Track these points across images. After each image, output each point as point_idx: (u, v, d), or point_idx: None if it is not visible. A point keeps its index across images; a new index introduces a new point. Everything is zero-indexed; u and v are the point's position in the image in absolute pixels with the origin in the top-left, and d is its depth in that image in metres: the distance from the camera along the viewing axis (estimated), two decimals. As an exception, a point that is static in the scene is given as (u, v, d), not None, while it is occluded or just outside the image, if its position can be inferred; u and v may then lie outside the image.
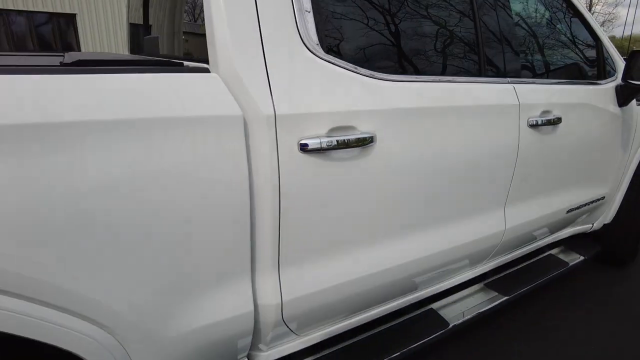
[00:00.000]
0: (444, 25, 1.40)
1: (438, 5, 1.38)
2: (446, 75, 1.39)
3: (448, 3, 1.41)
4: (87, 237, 0.81)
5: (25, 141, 0.73)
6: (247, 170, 0.97)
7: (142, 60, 1.05)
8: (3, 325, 0.75)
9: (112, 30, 15.00)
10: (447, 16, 1.41)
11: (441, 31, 1.39)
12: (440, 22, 1.39)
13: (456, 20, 1.43)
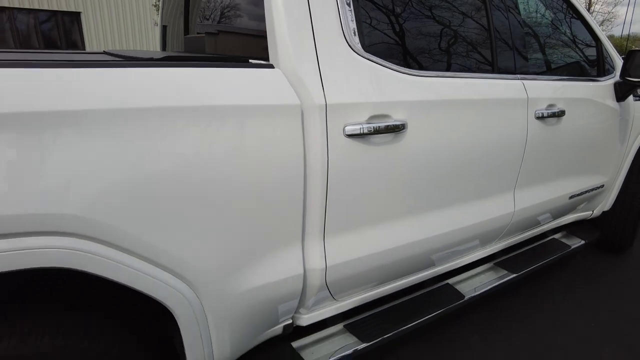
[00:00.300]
0: (463, 29, 1.58)
1: (457, 12, 1.56)
2: (465, 72, 1.56)
3: (466, 11, 1.59)
4: (181, 209, 0.98)
5: (134, 122, 0.91)
6: (302, 150, 1.15)
7: (209, 56, 1.22)
8: (122, 278, 0.93)
9: (117, 28, 15.13)
10: (466, 21, 1.58)
11: (461, 34, 1.57)
12: (460, 26, 1.57)
13: (473, 24, 1.61)
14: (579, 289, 2.46)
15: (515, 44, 1.78)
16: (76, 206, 0.85)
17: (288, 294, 1.28)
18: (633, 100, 2.37)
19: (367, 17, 1.31)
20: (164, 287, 1.01)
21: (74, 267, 0.88)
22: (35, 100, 0.81)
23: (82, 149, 0.85)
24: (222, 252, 1.09)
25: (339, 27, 1.22)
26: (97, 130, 0.87)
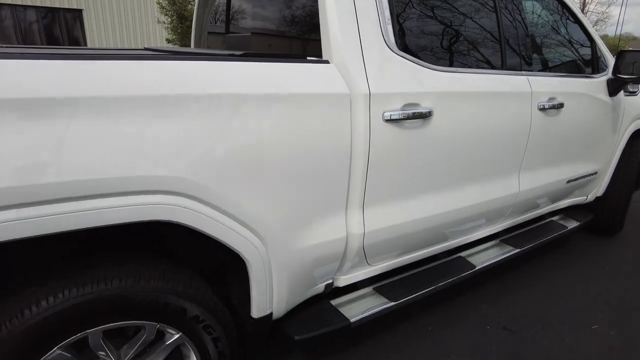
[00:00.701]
0: (478, 32, 1.82)
1: (473, 18, 1.80)
2: (480, 68, 1.81)
3: (480, 17, 1.83)
4: (260, 177, 1.22)
5: (228, 104, 1.14)
6: (350, 131, 1.38)
7: (276, 54, 1.45)
8: (215, 232, 1.16)
9: (118, 25, 15.24)
10: (480, 25, 1.83)
11: (476, 36, 1.81)
12: (476, 29, 1.81)
13: (486, 28, 1.86)
14: (574, 266, 2.72)
15: (521, 45, 2.03)
16: (184, 168, 1.08)
17: (332, 254, 1.52)
18: (624, 95, 2.63)
19: (401, 21, 1.55)
20: (243, 240, 1.25)
21: (180, 222, 1.11)
22: (162, 86, 1.04)
23: (187, 126, 1.08)
24: (286, 215, 1.33)
25: (379, 31, 1.46)
26: (199, 111, 1.10)
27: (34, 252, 1.14)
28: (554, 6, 2.30)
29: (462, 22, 1.77)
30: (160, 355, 1.26)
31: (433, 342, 1.98)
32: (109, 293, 1.07)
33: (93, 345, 1.11)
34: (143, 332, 1.18)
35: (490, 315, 2.19)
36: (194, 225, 1.13)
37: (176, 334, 1.23)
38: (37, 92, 0.90)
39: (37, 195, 0.90)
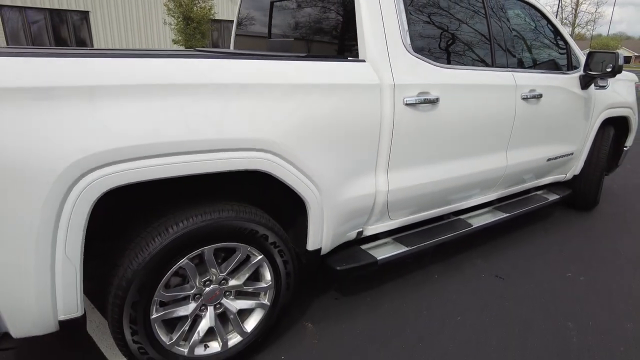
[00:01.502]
0: (473, 37, 2.32)
1: (470, 26, 2.30)
2: (474, 65, 2.31)
3: (475, 24, 2.33)
4: (321, 142, 1.70)
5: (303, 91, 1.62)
6: (379, 112, 1.87)
7: (323, 55, 1.94)
8: (290, 181, 1.64)
9: (123, 27, 15.65)
10: (475, 32, 2.33)
11: (472, 40, 2.31)
12: (471, 35, 2.31)
13: (480, 34, 2.36)
14: (555, 233, 3.23)
15: (507, 47, 2.53)
16: (267, 134, 1.56)
17: (364, 206, 2.01)
18: (595, 88, 3.14)
19: (415, 31, 2.05)
20: (306, 188, 1.73)
21: (266, 171, 1.59)
22: (262, 78, 1.53)
23: (276, 106, 1.57)
24: (335, 172, 1.81)
25: (400, 38, 1.96)
26: (283, 95, 1.59)
27: (174, 193, 1.62)
28: (534, 15, 2.80)
29: (460, 29, 2.28)
30: (246, 274, 1.74)
31: (440, 285, 2.48)
32: (218, 221, 1.55)
33: (207, 259, 1.60)
34: (238, 253, 1.67)
35: (485, 268, 2.69)
36: (278, 174, 1.62)
37: (259, 255, 1.71)
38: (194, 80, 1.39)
39: (187, 147, 1.38)
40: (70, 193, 1.23)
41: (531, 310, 2.26)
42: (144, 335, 1.53)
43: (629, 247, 3.05)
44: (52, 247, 1.26)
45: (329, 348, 1.94)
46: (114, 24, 15.51)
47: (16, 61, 1.16)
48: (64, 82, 1.21)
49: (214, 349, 1.74)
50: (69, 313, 1.37)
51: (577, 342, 2.03)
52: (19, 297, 1.28)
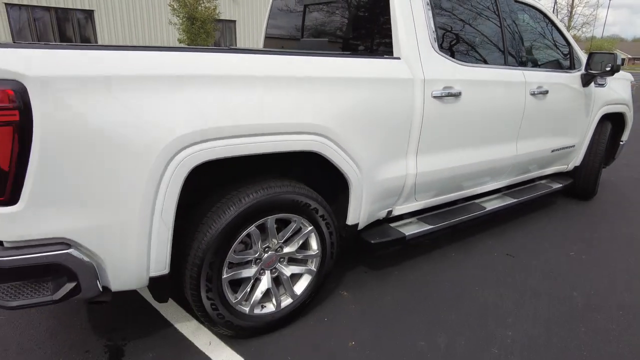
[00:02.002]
0: (490, 39, 2.60)
1: (487, 30, 2.58)
2: (491, 64, 2.58)
3: (491, 28, 2.61)
4: (364, 129, 1.96)
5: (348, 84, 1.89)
6: (411, 104, 2.14)
7: (366, 53, 2.20)
8: (338, 162, 1.90)
9: (127, 25, 15.82)
10: (491, 35, 2.60)
11: (487, 43, 2.59)
12: (487, 38, 2.59)
13: (495, 37, 2.63)
14: (559, 218, 3.52)
15: (517, 47, 2.81)
16: (321, 121, 1.82)
17: (395, 187, 2.27)
18: (594, 86, 3.42)
19: (440, 33, 2.32)
20: (350, 169, 1.99)
21: (319, 152, 1.85)
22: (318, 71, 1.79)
23: (330, 96, 1.83)
24: (374, 155, 2.08)
25: (428, 40, 2.22)
26: (335, 86, 1.85)
27: (246, 171, 1.88)
28: (540, 19, 3.08)
29: (478, 31, 2.55)
30: (298, 242, 2.00)
31: (458, 262, 2.75)
32: (280, 194, 1.81)
33: (269, 227, 1.85)
34: (293, 223, 1.93)
35: (496, 247, 2.97)
36: (328, 155, 1.88)
37: (309, 226, 1.97)
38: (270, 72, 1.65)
39: (263, 129, 1.64)
40: (169, 165, 1.49)
41: (540, 283, 2.54)
42: (216, 293, 1.78)
43: (626, 231, 3.34)
44: (151, 212, 1.51)
45: (366, 310, 2.21)
46: (118, 22, 15.67)
47: (135, 54, 1.42)
48: (169, 71, 1.47)
49: (270, 309, 2.00)
50: (159, 270, 1.63)
51: (582, 307, 2.30)
52: (122, 255, 1.53)
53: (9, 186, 1.31)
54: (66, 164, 1.35)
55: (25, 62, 1.25)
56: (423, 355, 1.91)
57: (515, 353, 1.94)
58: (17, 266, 1.39)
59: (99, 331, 2.02)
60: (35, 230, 1.38)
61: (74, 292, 1.49)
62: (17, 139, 1.27)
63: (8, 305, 1.42)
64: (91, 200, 1.41)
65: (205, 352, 1.90)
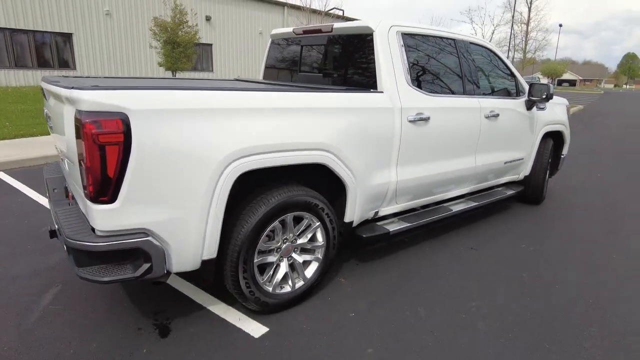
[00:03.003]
0: (452, 74, 3.28)
1: (449, 66, 3.26)
2: (453, 94, 3.25)
3: (452, 65, 3.29)
4: (358, 147, 2.55)
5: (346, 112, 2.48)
6: (392, 127, 2.75)
7: (357, 88, 2.81)
8: (340, 173, 2.47)
9: (106, 49, 16.10)
10: (451, 71, 3.29)
11: (449, 77, 3.27)
12: (449, 73, 3.27)
13: (455, 72, 3.32)
14: (512, 219, 4.20)
15: (473, 80, 3.51)
16: (327, 140, 2.39)
17: (381, 192, 2.86)
18: (537, 110, 4.18)
19: (412, 71, 2.96)
20: (348, 177, 2.56)
21: (325, 164, 2.42)
22: (323, 104, 2.38)
23: (332, 122, 2.41)
24: (366, 166, 2.66)
25: (403, 76, 2.86)
26: (335, 114, 2.44)
27: (273, 179, 2.40)
28: (491, 56, 3.82)
29: (442, 69, 3.22)
30: (308, 235, 2.53)
31: (432, 255, 3.35)
32: (297, 196, 2.35)
33: (288, 222, 2.39)
34: (305, 220, 2.47)
35: (462, 243, 3.59)
36: (332, 166, 2.44)
37: (317, 222, 2.51)
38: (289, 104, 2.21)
39: (277, 147, 2.19)
40: (222, 173, 2.01)
41: (497, 268, 3.16)
42: (250, 274, 2.28)
43: (565, 229, 4.05)
44: (208, 208, 2.03)
45: (360, 291, 2.75)
46: (96, 46, 15.94)
47: (201, 93, 1.96)
48: (223, 106, 2.01)
49: (287, 290, 2.51)
50: (209, 255, 2.13)
51: (529, 284, 2.93)
52: (185, 241, 2.03)
53: (111, 189, 1.80)
54: (151, 173, 1.85)
55: (129, 99, 1.77)
56: (408, 320, 2.47)
57: (478, 317, 2.52)
58: (110, 250, 1.86)
59: (145, 314, 2.47)
60: (125, 222, 1.86)
61: (148, 272, 1.96)
62: (121, 154, 1.77)
63: (102, 280, 1.88)
64: (166, 199, 1.92)
65: (236, 325, 2.38)
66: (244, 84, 3.04)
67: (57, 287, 2.74)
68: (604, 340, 2.34)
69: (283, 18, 24.26)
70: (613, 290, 2.90)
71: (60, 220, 2.03)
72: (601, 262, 3.34)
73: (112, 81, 2.47)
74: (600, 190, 5.53)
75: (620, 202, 5.00)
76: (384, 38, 2.81)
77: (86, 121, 1.70)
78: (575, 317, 2.56)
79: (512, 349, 2.24)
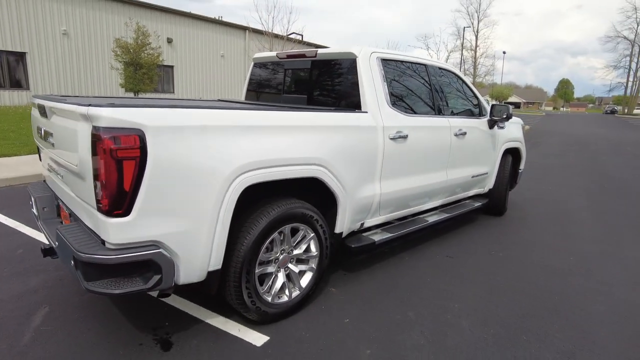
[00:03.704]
0: (424, 97, 3.59)
1: (423, 92, 3.57)
2: (427, 115, 3.55)
3: (425, 90, 3.61)
4: (346, 162, 2.74)
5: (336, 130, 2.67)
6: (376, 144, 2.98)
7: (343, 108, 3.02)
8: (331, 186, 2.65)
9: (62, 69, 15.58)
10: (425, 94, 3.60)
11: (424, 100, 3.57)
12: (423, 96, 3.57)
13: (428, 95, 3.63)
14: (480, 229, 4.53)
15: (444, 102, 3.84)
16: (321, 155, 2.57)
17: (367, 204, 3.06)
18: (497, 128, 4.59)
19: (392, 94, 3.23)
20: (339, 190, 2.74)
21: (319, 178, 2.59)
22: (313, 122, 2.56)
23: (322, 138, 2.60)
24: (354, 180, 2.85)
25: (384, 98, 3.12)
26: (324, 132, 2.63)
27: (270, 192, 2.52)
28: (458, 80, 4.20)
29: (417, 93, 3.53)
30: (304, 246, 2.66)
31: (412, 264, 3.56)
32: (294, 208, 2.49)
33: (286, 234, 2.51)
34: (300, 232, 2.60)
35: (439, 251, 3.84)
36: (325, 180, 2.61)
37: (312, 232, 2.66)
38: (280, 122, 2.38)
39: (278, 162, 2.34)
40: (229, 187, 2.13)
41: (473, 273, 3.42)
42: (252, 284, 2.38)
43: (528, 236, 4.43)
44: (216, 220, 2.12)
45: (351, 299, 2.90)
46: (52, 66, 15.40)
47: (210, 111, 2.08)
48: (230, 123, 2.14)
49: (284, 299, 2.61)
50: (215, 266, 2.21)
51: (503, 285, 3.20)
52: (194, 253, 2.10)
53: (126, 202, 1.87)
54: (164, 186, 1.94)
55: (145, 116, 1.86)
56: (399, 323, 2.64)
57: (463, 317, 2.74)
58: (123, 262, 1.91)
59: (143, 330, 2.48)
60: (138, 234, 1.93)
61: (158, 283, 2.02)
62: (137, 169, 1.85)
63: (113, 293, 1.92)
64: (177, 212, 2.00)
65: (238, 335, 2.45)
66: (246, 104, 3.17)
67: (44, 308, 2.68)
68: (571, 330, 2.62)
69: (245, 42, 24.56)
70: (575, 286, 3.23)
71: (66, 236, 2.05)
72: (561, 264, 3.70)
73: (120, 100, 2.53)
74: (554, 201, 6.05)
75: (572, 211, 5.51)
76: (366, 63, 3.07)
77: (105, 137, 1.78)
78: (546, 312, 2.83)
79: (494, 342, 2.46)
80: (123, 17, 16.62)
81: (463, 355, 2.33)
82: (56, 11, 14.97)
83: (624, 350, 2.44)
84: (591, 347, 2.45)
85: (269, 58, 3.85)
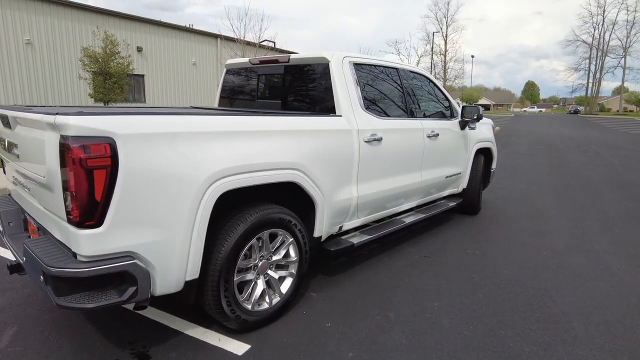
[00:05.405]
0: (397, 101, 3.65)
1: (396, 95, 3.63)
2: (399, 117, 3.61)
3: (397, 94, 3.67)
4: (322, 166, 2.75)
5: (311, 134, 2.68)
6: (351, 147, 3.01)
7: (318, 112, 3.03)
8: (309, 190, 2.65)
9: (27, 80, 14.99)
10: (399, 98, 3.66)
11: (396, 103, 3.63)
12: (395, 100, 3.63)
13: (401, 99, 3.70)
14: (455, 228, 4.62)
15: (416, 105, 3.92)
16: (297, 159, 2.58)
17: (345, 207, 3.07)
18: (469, 129, 4.71)
19: (365, 98, 3.27)
20: (317, 194, 2.75)
21: (296, 182, 2.59)
22: (287, 126, 2.57)
23: (297, 142, 2.60)
24: (331, 184, 2.86)
25: (358, 102, 3.15)
26: (301, 136, 2.63)
27: (246, 198, 2.49)
28: (430, 85, 4.29)
29: (389, 95, 3.58)
30: (283, 251, 2.65)
31: (390, 264, 3.59)
32: (272, 213, 2.48)
33: (265, 239, 2.49)
34: (279, 237, 2.59)
35: (416, 252, 3.90)
36: (302, 184, 2.61)
37: (291, 237, 2.65)
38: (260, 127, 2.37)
39: (254, 167, 2.33)
40: (204, 194, 2.10)
41: (450, 271, 3.48)
42: (230, 293, 2.34)
43: (502, 234, 4.55)
44: (192, 228, 2.09)
45: (331, 303, 2.90)
46: (15, 76, 14.81)
47: (182, 117, 2.05)
48: (204, 129, 2.12)
49: (265, 306, 2.58)
50: (192, 275, 2.17)
51: (479, 283, 3.27)
52: (170, 263, 2.06)
53: (98, 213, 1.81)
54: (137, 195, 1.89)
55: (116, 124, 1.82)
56: (380, 324, 2.65)
57: (442, 315, 2.78)
58: (96, 275, 1.85)
59: (119, 345, 2.40)
60: (111, 245, 1.87)
61: (134, 295, 1.96)
62: (108, 178, 1.81)
63: (87, 307, 1.85)
64: (152, 221, 1.96)
65: (218, 345, 2.40)
66: (220, 110, 3.14)
67: (12, 328, 2.56)
68: (546, 322, 2.70)
69: (217, 49, 24.36)
70: (547, 281, 3.34)
71: (34, 250, 1.97)
72: (534, 259, 3.81)
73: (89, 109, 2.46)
74: (525, 199, 6.24)
75: (542, 208, 5.70)
76: (338, 67, 3.10)
77: (74, 146, 1.73)
78: (521, 306, 2.91)
79: (474, 338, 2.51)
80: (90, 25, 16.20)
81: (444, 353, 2.36)
82: (18, 20, 14.44)
83: (594, 337, 2.53)
84: (564, 337, 2.53)
85: (242, 64, 3.84)
